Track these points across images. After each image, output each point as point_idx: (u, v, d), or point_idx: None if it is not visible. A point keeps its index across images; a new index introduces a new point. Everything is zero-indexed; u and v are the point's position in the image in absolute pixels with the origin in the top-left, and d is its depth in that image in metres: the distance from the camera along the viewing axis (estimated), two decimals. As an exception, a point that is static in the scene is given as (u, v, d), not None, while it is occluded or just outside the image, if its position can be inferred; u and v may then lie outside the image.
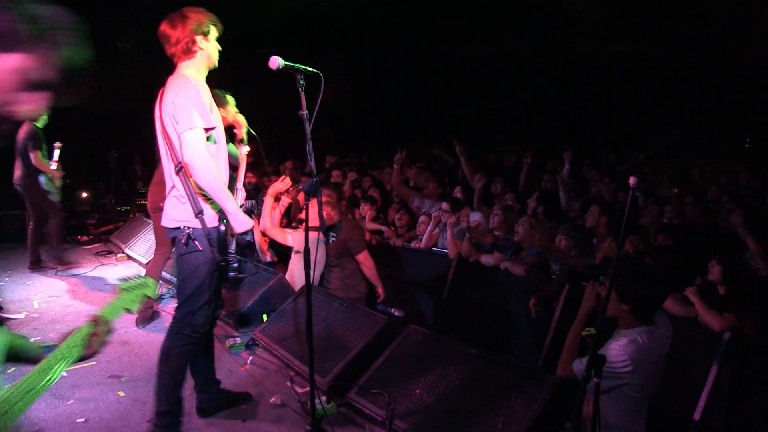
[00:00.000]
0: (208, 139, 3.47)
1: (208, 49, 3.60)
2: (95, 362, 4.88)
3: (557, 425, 3.35)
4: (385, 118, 17.51)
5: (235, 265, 4.20)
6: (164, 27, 3.55)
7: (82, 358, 2.03)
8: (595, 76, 15.81)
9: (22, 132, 7.73)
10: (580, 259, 5.17)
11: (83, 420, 3.98)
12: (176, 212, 3.57)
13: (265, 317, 5.52)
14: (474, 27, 15.06)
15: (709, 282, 4.53)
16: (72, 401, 4.23)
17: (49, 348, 2.00)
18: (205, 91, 3.51)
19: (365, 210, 7.58)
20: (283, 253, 6.74)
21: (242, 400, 4.19)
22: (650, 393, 3.19)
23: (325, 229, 5.78)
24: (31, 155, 7.67)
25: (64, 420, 3.98)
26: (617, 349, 3.05)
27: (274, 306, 5.52)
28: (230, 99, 5.18)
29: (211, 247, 3.52)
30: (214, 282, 3.64)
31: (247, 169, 5.50)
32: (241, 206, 3.92)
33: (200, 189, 3.47)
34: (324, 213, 3.82)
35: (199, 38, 3.54)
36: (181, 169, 3.46)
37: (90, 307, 6.40)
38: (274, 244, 6.68)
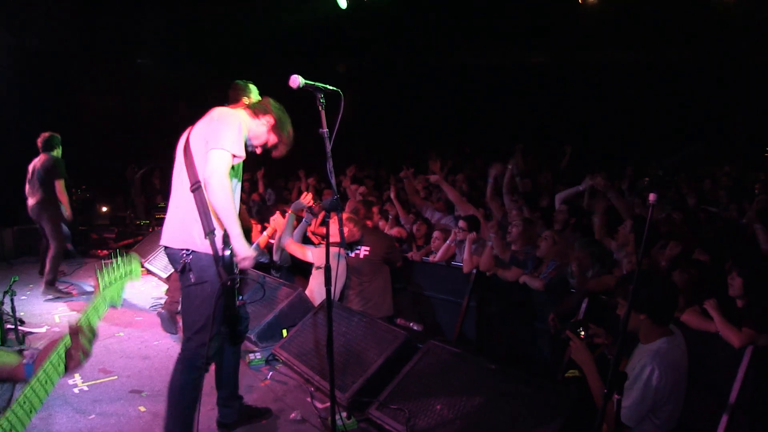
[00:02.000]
0: (232, 167, 3.46)
1: (261, 130, 3.75)
2: (116, 377, 4.93)
3: (578, 441, 3.33)
4: (401, 130, 17.54)
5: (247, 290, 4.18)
6: (267, 100, 3.86)
7: (67, 372, 2.05)
8: (613, 86, 15.75)
9: (39, 161, 7.82)
10: (596, 281, 5.15)
11: (105, 435, 4.01)
12: (181, 233, 3.53)
13: (284, 332, 5.54)
14: (490, 38, 15.09)
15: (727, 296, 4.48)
16: (93, 416, 4.26)
17: (31, 366, 1.99)
18: (245, 127, 3.60)
19: (377, 221, 7.62)
20: (302, 267, 6.78)
21: (262, 415, 4.20)
22: (681, 401, 3.18)
23: (347, 245, 5.81)
24: (56, 184, 7.76)
25: (86, 435, 4.01)
26: (643, 381, 3.04)
27: (294, 321, 5.54)
28: (253, 88, 5.22)
29: (220, 275, 3.46)
30: (221, 308, 3.56)
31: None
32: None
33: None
34: (346, 229, 3.85)
35: (268, 118, 3.72)
36: (198, 187, 3.43)
37: (109, 321, 6.46)
38: (293, 259, 6.73)
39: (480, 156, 14.73)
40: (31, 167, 7.89)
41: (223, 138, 3.39)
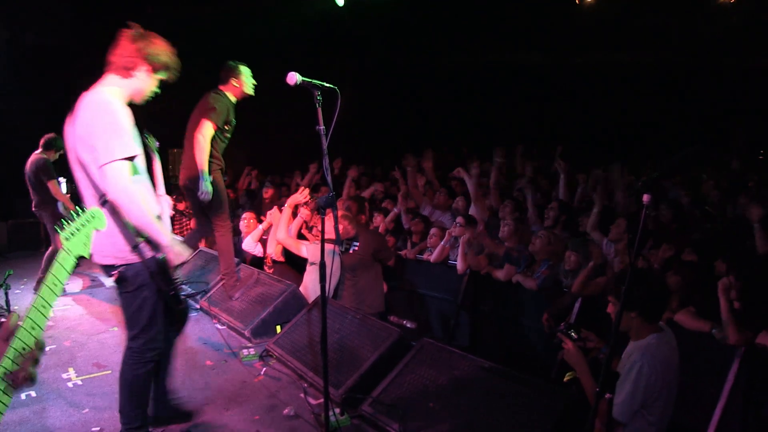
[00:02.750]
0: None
1: (144, 84, 3.40)
2: (110, 371, 4.93)
3: (570, 440, 3.35)
4: (396, 128, 17.54)
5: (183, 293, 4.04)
6: (125, 34, 3.36)
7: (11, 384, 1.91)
8: (609, 85, 15.78)
9: (31, 163, 7.79)
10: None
11: (98, 429, 4.01)
12: (106, 248, 3.30)
13: (278, 328, 5.54)
14: (488, 38, 15.12)
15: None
16: (87, 410, 4.26)
17: None
18: (125, 113, 3.27)
19: (377, 221, 7.60)
20: (296, 263, 6.79)
21: (186, 417, 4.14)
22: (672, 396, 3.21)
23: (341, 242, 5.83)
24: (49, 186, 7.73)
25: (79, 428, 4.01)
26: (631, 379, 3.06)
27: (288, 317, 5.54)
28: (244, 69, 5.22)
29: (154, 279, 3.38)
30: (162, 307, 3.51)
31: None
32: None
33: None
34: (341, 226, 3.84)
35: (144, 66, 3.34)
36: (105, 200, 3.19)
37: (103, 316, 6.46)
38: (286, 253, 6.74)
39: (477, 156, 14.75)
40: (27, 166, 7.88)
41: (111, 148, 3.11)
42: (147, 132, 4.16)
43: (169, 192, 4.91)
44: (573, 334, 3.41)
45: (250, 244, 7.29)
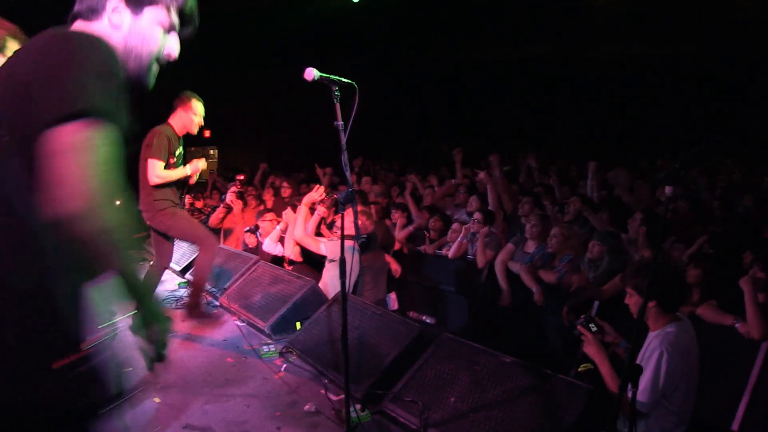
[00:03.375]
0: None
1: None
2: (130, 368, 4.95)
3: (593, 435, 3.34)
4: (410, 124, 17.55)
5: None
6: None
7: None
8: (623, 79, 15.70)
9: None
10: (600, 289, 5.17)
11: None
12: None
13: (298, 325, 5.55)
14: (497, 32, 15.09)
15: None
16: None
17: None
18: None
19: (396, 217, 7.59)
20: (315, 261, 6.80)
21: None
22: (694, 384, 3.20)
23: (360, 237, 5.82)
24: None
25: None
26: (653, 366, 3.08)
27: (308, 314, 5.55)
28: (195, 104, 5.18)
29: None
30: None
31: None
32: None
33: None
34: (359, 222, 3.82)
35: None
36: None
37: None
38: (305, 252, 6.75)
39: (491, 150, 14.73)
40: None
41: None
42: None
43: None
44: (593, 326, 3.42)
45: (270, 246, 7.32)
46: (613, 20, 13.14)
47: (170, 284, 7.87)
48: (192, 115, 5.51)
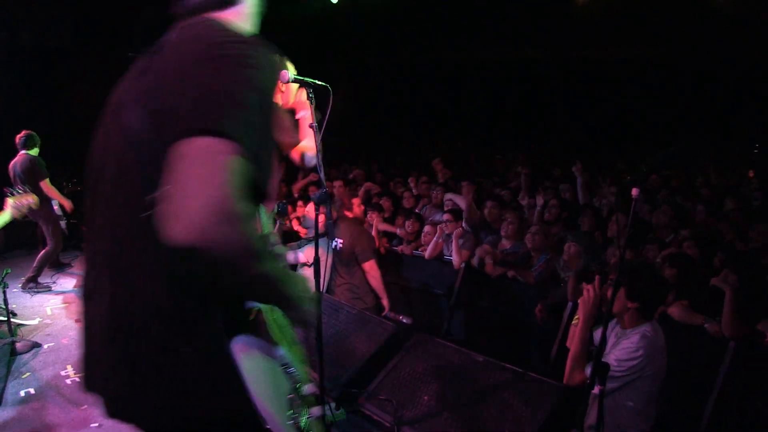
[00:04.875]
0: None
1: None
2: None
3: (563, 432, 3.39)
4: (393, 126, 17.58)
5: None
6: None
7: None
8: (604, 81, 15.84)
9: (18, 162, 7.74)
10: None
11: (97, 425, 4.05)
12: None
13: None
14: (483, 34, 15.15)
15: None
16: (86, 406, 4.29)
17: None
18: None
19: (372, 217, 7.53)
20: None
21: None
22: (659, 385, 3.33)
23: (331, 234, 5.78)
24: (41, 185, 7.71)
25: (78, 424, 4.05)
26: (631, 346, 3.18)
27: (284, 314, 5.55)
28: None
29: None
30: None
31: None
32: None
33: None
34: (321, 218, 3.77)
35: None
36: None
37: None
38: None
39: (474, 152, 14.80)
40: (11, 168, 7.81)
41: None
42: None
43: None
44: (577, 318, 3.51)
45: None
46: (598, 23, 13.27)
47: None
48: None
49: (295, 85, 3.41)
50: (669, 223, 6.27)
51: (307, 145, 3.09)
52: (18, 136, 7.90)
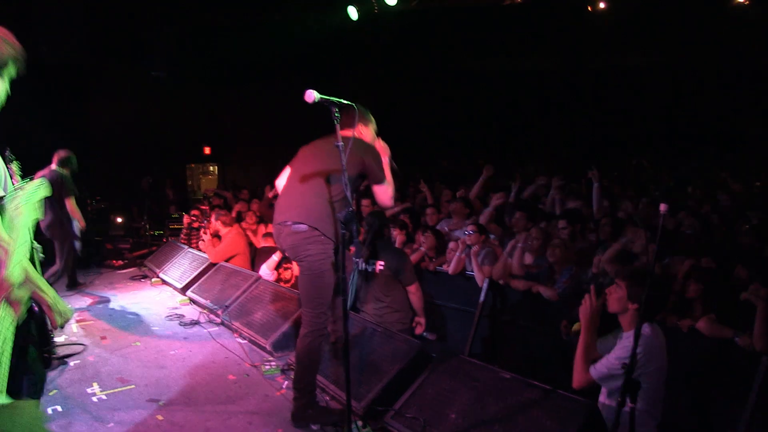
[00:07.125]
0: None
1: None
2: (134, 386, 4.98)
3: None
4: (411, 139, 17.59)
5: None
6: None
7: None
8: (617, 90, 15.81)
9: (46, 175, 7.69)
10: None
11: (124, 444, 4.06)
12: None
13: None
14: (496, 44, 15.20)
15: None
16: (112, 424, 4.30)
17: None
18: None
19: (395, 234, 7.49)
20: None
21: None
22: (663, 385, 3.50)
23: (361, 254, 5.77)
24: (66, 202, 7.79)
25: (105, 443, 4.06)
26: (630, 345, 3.19)
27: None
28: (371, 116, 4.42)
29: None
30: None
31: None
32: None
33: None
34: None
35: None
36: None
37: (127, 331, 6.52)
38: None
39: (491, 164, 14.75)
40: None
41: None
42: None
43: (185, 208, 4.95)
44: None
45: (267, 273, 7.33)
46: (613, 33, 13.25)
47: (171, 301, 7.90)
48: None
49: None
50: (694, 236, 6.20)
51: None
52: (58, 152, 8.00)
